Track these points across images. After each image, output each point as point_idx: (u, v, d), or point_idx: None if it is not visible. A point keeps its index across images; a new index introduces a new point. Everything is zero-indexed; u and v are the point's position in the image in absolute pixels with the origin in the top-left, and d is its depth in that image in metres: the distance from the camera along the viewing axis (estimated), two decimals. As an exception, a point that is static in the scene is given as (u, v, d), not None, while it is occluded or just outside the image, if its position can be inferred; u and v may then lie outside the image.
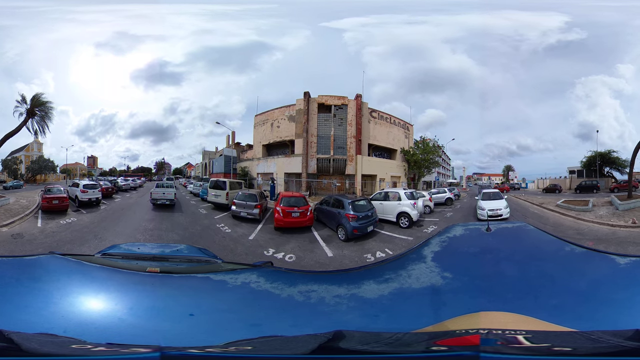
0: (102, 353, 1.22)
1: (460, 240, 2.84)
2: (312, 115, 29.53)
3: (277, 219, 13.51)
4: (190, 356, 1.26)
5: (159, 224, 15.28)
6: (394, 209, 14.61)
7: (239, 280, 2.24)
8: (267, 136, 33.65)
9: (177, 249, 3.30)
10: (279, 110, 32.69)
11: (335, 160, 28.95)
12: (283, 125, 31.87)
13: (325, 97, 29.76)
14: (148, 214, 18.26)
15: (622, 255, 2.25)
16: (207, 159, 50.84)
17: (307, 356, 1.23)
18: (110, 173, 67.63)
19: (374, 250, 11.15)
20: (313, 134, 29.30)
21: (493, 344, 1.23)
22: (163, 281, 2.13)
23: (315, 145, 29.19)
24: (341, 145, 29.21)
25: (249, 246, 11.78)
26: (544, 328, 1.38)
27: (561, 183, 39.44)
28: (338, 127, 29.34)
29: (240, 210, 16.31)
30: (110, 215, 17.81)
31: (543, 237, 2.77)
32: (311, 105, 29.69)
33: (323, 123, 29.53)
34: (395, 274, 2.19)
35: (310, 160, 28.90)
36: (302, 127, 29.20)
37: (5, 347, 1.12)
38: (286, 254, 10.84)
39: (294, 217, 13.49)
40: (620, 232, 13.19)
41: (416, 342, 1.42)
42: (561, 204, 19.73)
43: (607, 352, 1.13)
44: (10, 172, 47.49)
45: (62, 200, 17.38)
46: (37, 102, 24.00)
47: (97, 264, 2.33)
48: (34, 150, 55.19)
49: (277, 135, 32.48)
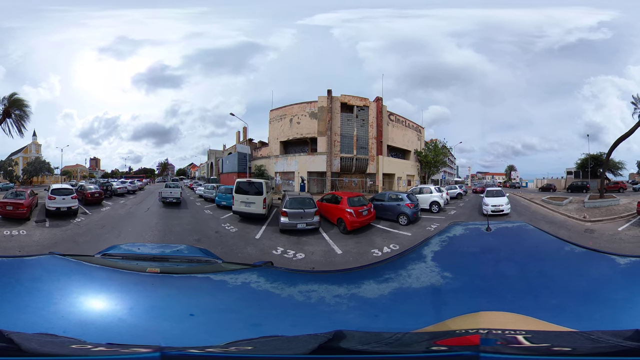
0: (102, 353, 1.22)
1: (460, 239, 2.84)
2: (335, 114, 29.87)
3: (351, 221, 13.02)
4: (190, 356, 1.26)
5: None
6: (428, 200, 18.89)
7: (239, 280, 2.24)
8: (286, 132, 32.19)
9: (178, 249, 3.30)
10: (299, 105, 31.61)
11: (358, 160, 29.92)
12: (304, 121, 30.93)
13: (347, 97, 30.41)
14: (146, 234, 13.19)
15: (622, 255, 2.26)
16: (213, 158, 49.83)
17: (307, 356, 1.23)
18: (112, 175, 67.24)
19: (426, 224, 15.22)
20: (336, 133, 29.69)
21: (493, 344, 1.23)
22: (163, 281, 2.13)
23: (338, 144, 29.69)
24: (363, 145, 30.41)
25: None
26: (544, 328, 1.38)
27: (557, 183, 41.66)
28: (360, 127, 30.30)
29: (296, 222, 12.57)
30: (67, 238, 12.14)
31: (543, 237, 2.77)
32: (334, 103, 29.91)
33: (346, 122, 30.06)
34: (395, 273, 2.19)
35: (334, 159, 29.45)
36: (326, 125, 29.35)
37: (5, 347, 1.12)
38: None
39: (365, 215, 13.69)
40: (569, 222, 16.22)
41: (416, 342, 1.42)
42: (545, 199, 23.61)
43: (606, 352, 1.13)
44: (5, 174, 46.60)
45: (17, 206, 14.54)
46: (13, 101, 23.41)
47: (97, 264, 2.33)
48: (32, 152, 54.44)
49: (297, 131, 31.41)
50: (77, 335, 1.29)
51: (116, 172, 70.64)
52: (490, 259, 2.32)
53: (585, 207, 18.95)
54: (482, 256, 2.41)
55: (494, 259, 2.33)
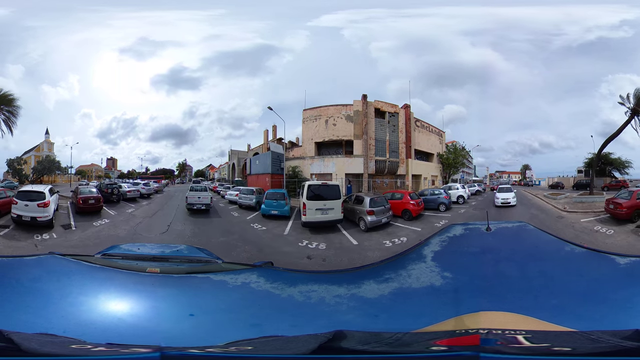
0: (102, 353, 1.22)
1: (460, 239, 2.84)
2: (370, 119, 31.77)
3: (415, 210, 17.27)
4: (190, 356, 1.26)
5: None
6: (455, 194, 24.48)
7: (239, 280, 2.24)
8: (321, 133, 32.74)
9: (177, 249, 3.30)
10: (335, 107, 32.63)
11: (390, 162, 32.63)
12: (340, 124, 31.96)
13: (380, 103, 32.70)
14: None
15: (622, 255, 2.26)
16: (235, 159, 48.25)
17: (307, 356, 1.23)
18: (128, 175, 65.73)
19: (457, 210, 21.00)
20: (371, 137, 31.68)
21: (493, 344, 1.23)
22: (163, 281, 2.12)
23: (373, 148, 31.78)
24: (394, 149, 33.34)
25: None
26: (544, 328, 1.38)
27: (567, 181, 43.39)
28: (392, 133, 33.06)
29: (380, 218, 13.65)
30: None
31: (543, 237, 2.77)
32: (369, 108, 31.76)
33: (379, 127, 32.27)
34: (395, 273, 2.19)
35: (370, 161, 31.38)
36: (362, 128, 31.16)
37: (5, 347, 1.12)
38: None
39: (419, 205, 18.12)
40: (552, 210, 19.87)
41: (416, 342, 1.42)
42: (546, 195, 27.02)
43: (606, 352, 1.13)
44: (15, 172, 45.41)
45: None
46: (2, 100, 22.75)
47: (97, 264, 2.33)
48: (44, 150, 53.53)
49: (333, 133, 32.21)
50: (77, 335, 1.29)
51: (132, 173, 69.09)
52: (490, 259, 2.32)
53: (573, 202, 21.71)
54: (482, 256, 2.41)
55: (494, 259, 2.33)
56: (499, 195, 22.44)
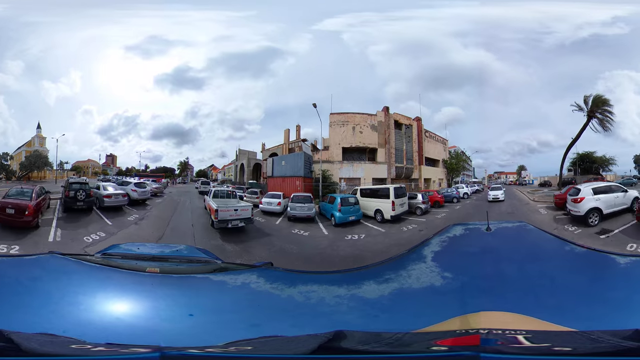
0: (102, 353, 1.22)
1: (460, 239, 2.84)
2: (391, 130, 36.54)
3: (441, 201, 25.35)
4: (190, 356, 1.26)
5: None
6: (462, 192, 31.56)
7: (239, 281, 2.24)
8: (348, 139, 34.84)
9: (177, 250, 3.30)
10: (361, 116, 35.42)
11: (406, 169, 38.01)
12: (366, 132, 35.05)
13: (398, 116, 37.76)
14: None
15: (622, 255, 2.26)
16: (244, 159, 47.39)
17: (307, 356, 1.23)
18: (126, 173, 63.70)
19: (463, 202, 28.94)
20: (392, 146, 36.47)
21: (493, 344, 1.23)
22: (163, 281, 2.12)
23: (393, 156, 36.54)
24: (410, 157, 38.99)
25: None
26: (544, 328, 1.38)
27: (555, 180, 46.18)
28: (407, 143, 38.66)
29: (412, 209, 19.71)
30: None
31: (543, 237, 2.77)
32: (390, 120, 36.28)
33: (397, 137, 37.34)
34: (396, 274, 2.19)
35: (391, 167, 36.02)
36: (385, 138, 35.81)
37: (4, 347, 1.12)
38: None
39: (443, 198, 26.04)
40: (525, 200, 27.80)
41: (416, 342, 1.42)
42: (529, 191, 34.16)
43: (606, 352, 1.13)
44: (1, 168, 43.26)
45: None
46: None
47: (97, 263, 2.32)
48: (35, 145, 50.35)
49: (360, 140, 34.88)
50: (77, 335, 1.28)
51: (132, 170, 66.73)
52: (490, 259, 2.32)
53: (544, 195, 28.86)
54: (482, 256, 2.41)
55: (494, 258, 2.33)
56: (490, 192, 29.28)
